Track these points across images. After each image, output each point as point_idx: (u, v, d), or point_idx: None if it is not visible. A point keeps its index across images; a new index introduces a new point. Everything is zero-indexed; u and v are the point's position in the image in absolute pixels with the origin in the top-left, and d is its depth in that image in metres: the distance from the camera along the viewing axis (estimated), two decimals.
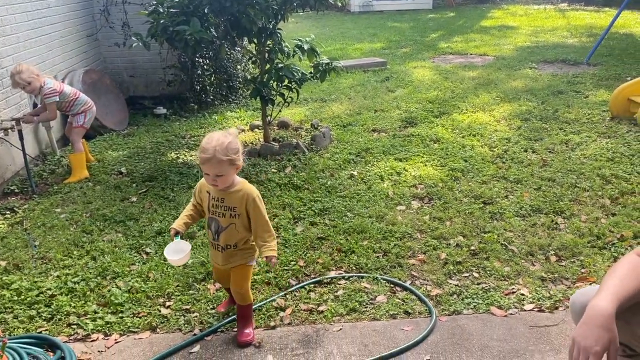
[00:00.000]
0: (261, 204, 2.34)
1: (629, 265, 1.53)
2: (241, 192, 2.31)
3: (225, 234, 2.35)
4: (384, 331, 2.49)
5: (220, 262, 2.43)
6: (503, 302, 2.69)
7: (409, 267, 3.07)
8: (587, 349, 1.39)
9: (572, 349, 1.43)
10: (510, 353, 2.29)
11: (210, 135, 2.21)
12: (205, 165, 2.20)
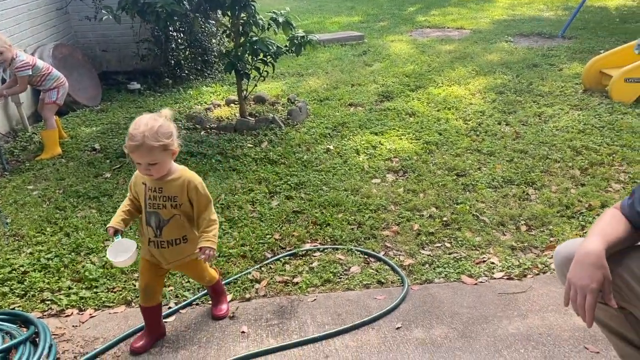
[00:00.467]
0: (204, 191, 2.13)
1: (611, 216, 1.63)
2: (180, 179, 2.10)
3: (169, 227, 2.12)
4: (357, 300, 2.54)
5: (166, 259, 2.19)
6: (473, 271, 2.75)
7: (383, 239, 3.11)
8: (584, 287, 1.46)
9: (568, 290, 1.51)
10: (479, 319, 2.36)
11: (137, 120, 1.98)
12: (135, 154, 1.97)
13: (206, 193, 2.15)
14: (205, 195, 2.14)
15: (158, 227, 2.13)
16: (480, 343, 2.19)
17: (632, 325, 1.64)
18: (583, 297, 1.45)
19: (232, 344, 2.24)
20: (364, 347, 2.21)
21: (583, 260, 1.49)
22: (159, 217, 2.12)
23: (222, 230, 3.18)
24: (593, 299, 1.44)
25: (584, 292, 1.45)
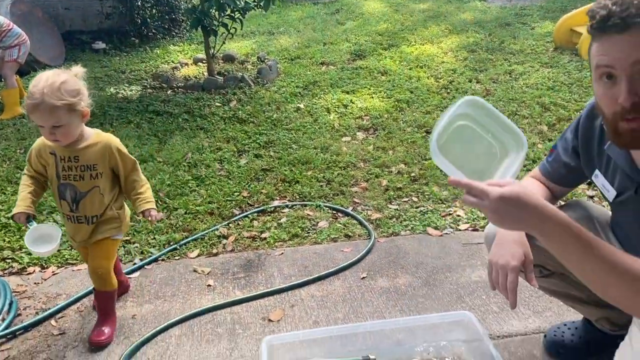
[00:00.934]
0: (126, 151, 1.94)
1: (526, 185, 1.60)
2: (99, 144, 1.87)
3: (87, 201, 1.90)
4: (324, 253, 2.55)
5: (86, 237, 1.96)
6: (439, 223, 2.78)
7: (352, 195, 3.12)
8: (504, 266, 1.40)
9: (491, 271, 1.46)
10: (443, 268, 2.39)
11: (38, 76, 1.74)
12: (34, 115, 1.73)
13: (128, 154, 1.95)
14: (129, 156, 1.95)
15: (74, 200, 1.89)
16: (444, 290, 2.23)
17: (574, 284, 1.62)
18: (505, 276, 1.39)
19: (197, 297, 2.24)
20: (329, 296, 2.22)
21: (503, 239, 1.44)
22: (75, 189, 1.88)
23: (189, 188, 3.15)
24: (514, 277, 1.38)
25: (505, 271, 1.39)
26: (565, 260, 1.20)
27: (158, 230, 2.76)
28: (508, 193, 1.10)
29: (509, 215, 1.12)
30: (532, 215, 1.11)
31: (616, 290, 1.14)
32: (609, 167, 1.40)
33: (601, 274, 1.14)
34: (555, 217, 1.11)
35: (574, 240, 1.12)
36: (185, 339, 1.99)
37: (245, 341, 1.97)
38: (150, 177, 3.24)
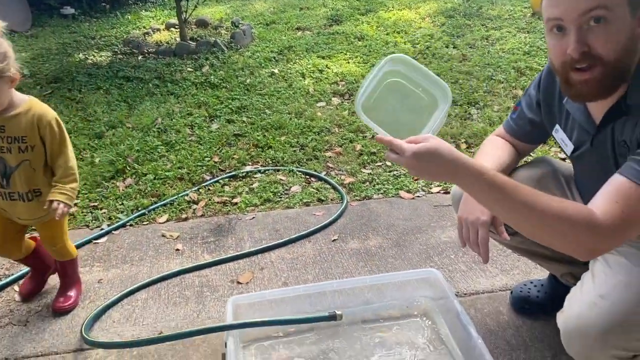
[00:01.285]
0: (60, 129, 1.74)
1: (491, 146, 1.60)
2: (29, 113, 1.69)
3: (18, 176, 1.73)
4: (296, 217, 2.53)
5: (23, 215, 1.81)
6: (412, 187, 2.77)
7: (325, 159, 3.09)
8: (474, 222, 1.40)
9: (461, 228, 1.46)
10: (414, 229, 2.39)
11: None
12: None
13: (63, 132, 1.75)
14: (62, 135, 1.74)
15: (4, 175, 1.73)
16: (413, 251, 2.23)
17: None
18: (475, 232, 1.40)
19: (165, 261, 2.21)
20: (299, 258, 2.21)
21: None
22: (4, 162, 1.71)
23: (159, 153, 3.08)
24: (485, 232, 1.38)
25: (475, 226, 1.40)
26: (486, 206, 1.27)
27: (126, 196, 2.70)
28: (422, 149, 1.15)
29: (424, 169, 1.17)
30: (444, 167, 1.16)
31: (542, 231, 1.18)
32: (567, 121, 1.40)
33: (521, 217, 1.18)
34: (467, 168, 1.15)
35: (488, 187, 1.15)
36: (152, 301, 1.97)
37: (213, 303, 1.95)
38: (119, 142, 3.17)
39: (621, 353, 1.27)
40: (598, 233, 1.12)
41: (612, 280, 1.30)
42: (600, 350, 1.27)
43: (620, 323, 1.24)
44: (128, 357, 1.70)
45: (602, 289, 1.30)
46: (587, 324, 1.27)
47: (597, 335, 1.25)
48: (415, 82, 1.32)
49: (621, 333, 1.25)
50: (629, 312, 1.24)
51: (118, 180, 2.84)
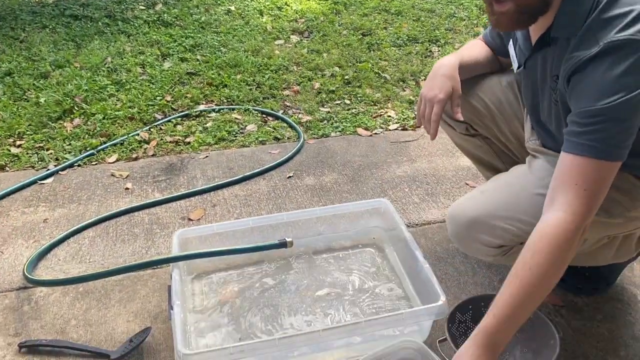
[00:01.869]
0: None
1: (471, 44, 1.63)
2: None
3: None
4: (251, 156, 2.48)
5: None
6: (370, 124, 2.74)
7: (283, 98, 3.01)
8: (432, 98, 1.45)
9: (419, 105, 1.50)
10: (370, 165, 2.38)
11: None
12: None
13: None
14: None
15: None
16: (368, 186, 2.22)
17: (497, 154, 1.68)
18: (431, 108, 1.45)
19: (114, 200, 2.15)
20: (252, 195, 2.18)
21: (435, 72, 1.48)
22: None
23: (108, 93, 2.95)
24: (439, 108, 1.44)
25: (432, 103, 1.44)
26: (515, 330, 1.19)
27: (74, 136, 2.59)
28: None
29: None
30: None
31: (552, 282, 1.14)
32: (515, 40, 1.40)
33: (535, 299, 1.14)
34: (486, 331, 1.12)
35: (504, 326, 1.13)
36: (100, 239, 1.92)
37: (163, 239, 1.91)
38: (66, 82, 3.02)
39: (488, 239, 1.36)
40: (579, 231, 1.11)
41: (498, 181, 1.43)
42: (468, 236, 1.39)
43: (487, 211, 1.33)
44: (73, 293, 1.67)
45: (486, 186, 1.43)
46: (461, 211, 1.40)
47: (465, 222, 1.38)
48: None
49: (485, 224, 1.34)
50: (498, 203, 1.34)
51: (65, 121, 2.72)
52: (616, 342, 1.51)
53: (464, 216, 1.38)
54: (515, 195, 1.33)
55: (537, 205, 1.26)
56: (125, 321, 1.57)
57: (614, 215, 1.30)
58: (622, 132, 1.09)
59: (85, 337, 1.51)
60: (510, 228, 1.33)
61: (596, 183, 1.11)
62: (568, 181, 1.12)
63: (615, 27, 1.06)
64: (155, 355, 1.47)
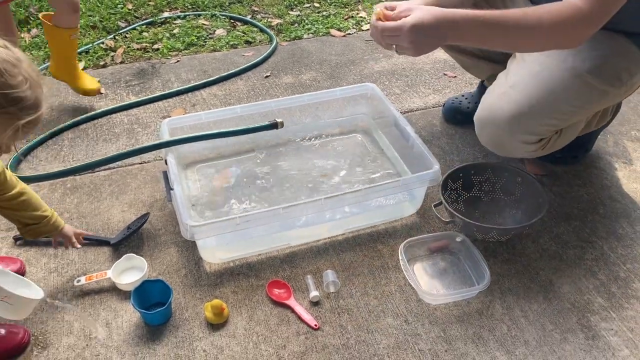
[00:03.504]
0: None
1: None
2: None
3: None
4: (224, 59, 2.41)
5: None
6: (342, 25, 2.70)
7: (250, 3, 2.91)
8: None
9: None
10: (347, 63, 2.36)
11: None
12: None
13: None
14: None
15: None
16: (347, 81, 2.21)
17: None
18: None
19: (88, 104, 2.06)
20: (232, 94, 2.14)
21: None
22: None
23: None
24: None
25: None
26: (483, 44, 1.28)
27: (34, 45, 2.45)
28: (416, 20, 1.09)
29: (428, 38, 1.13)
30: (445, 28, 1.12)
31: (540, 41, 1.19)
32: None
33: (520, 38, 1.19)
34: (462, 18, 1.12)
35: (483, 26, 1.14)
36: (80, 140, 1.86)
37: (146, 137, 1.87)
38: None
39: (529, 137, 1.38)
40: (586, 21, 1.14)
41: (522, 71, 1.39)
42: (510, 135, 1.38)
43: (528, 108, 1.33)
44: (62, 189, 1.63)
45: (513, 80, 1.39)
46: (496, 111, 1.37)
47: (506, 121, 1.35)
48: None
49: (528, 118, 1.34)
50: (535, 98, 1.33)
51: (22, 32, 2.55)
52: (595, 203, 1.61)
53: (503, 116, 1.34)
54: (548, 85, 1.32)
55: (572, 88, 1.31)
56: (119, 211, 1.56)
57: (622, 81, 1.36)
58: None
59: (80, 228, 1.49)
60: (552, 121, 1.35)
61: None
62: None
63: None
64: (156, 239, 1.47)
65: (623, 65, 1.37)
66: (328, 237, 1.48)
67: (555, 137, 1.43)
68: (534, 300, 1.33)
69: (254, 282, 1.37)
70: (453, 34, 1.14)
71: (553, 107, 1.33)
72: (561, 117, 1.36)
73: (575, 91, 1.33)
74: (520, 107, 1.34)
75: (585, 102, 1.37)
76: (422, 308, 1.31)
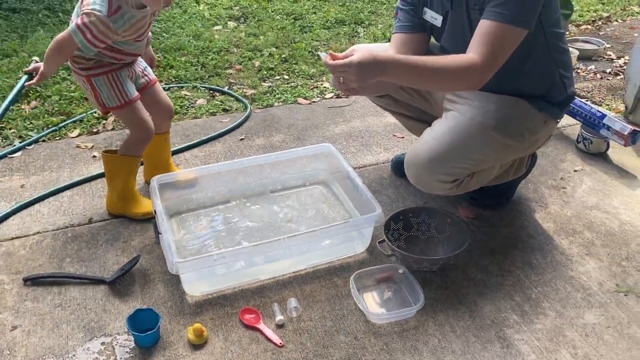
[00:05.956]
0: None
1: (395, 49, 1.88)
2: None
3: None
4: (204, 125, 2.75)
5: None
6: (308, 94, 3.08)
7: (227, 76, 3.29)
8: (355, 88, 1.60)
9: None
10: (312, 127, 2.71)
11: None
12: None
13: None
14: None
15: None
16: (311, 142, 2.56)
17: (404, 105, 2.08)
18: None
19: (84, 167, 2.36)
20: (211, 155, 2.46)
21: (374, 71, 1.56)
22: None
23: (60, 77, 3.12)
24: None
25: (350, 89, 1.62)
26: (408, 82, 1.69)
27: (34, 116, 2.76)
28: (364, 57, 1.43)
29: (368, 72, 1.45)
30: (380, 66, 1.46)
31: (446, 83, 1.59)
32: (429, 2, 1.74)
33: (432, 80, 1.58)
34: (390, 61, 1.49)
35: (407, 68, 1.52)
36: (78, 197, 2.14)
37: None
38: (16, 69, 3.16)
39: (445, 177, 1.72)
40: (480, 71, 1.52)
41: (441, 126, 1.74)
42: (429, 174, 1.72)
43: (443, 153, 1.68)
44: (63, 238, 1.90)
45: (434, 132, 1.74)
46: (419, 155, 1.72)
47: (426, 163, 1.70)
48: None
49: (443, 161, 1.69)
50: (448, 145, 1.69)
51: (22, 104, 2.87)
52: (515, 239, 1.94)
53: (422, 160, 1.69)
54: (459, 136, 1.67)
55: (482, 141, 1.67)
56: (114, 255, 1.83)
57: (525, 138, 1.73)
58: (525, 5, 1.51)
59: (80, 270, 1.75)
60: (463, 165, 1.70)
61: (502, 40, 1.52)
62: (482, 41, 1.52)
63: None
64: (146, 277, 1.74)
65: (525, 125, 1.73)
66: (292, 272, 1.76)
67: (468, 179, 1.76)
68: (461, 318, 1.62)
69: (229, 309, 1.63)
70: (385, 72, 1.48)
71: (463, 154, 1.68)
72: (470, 162, 1.70)
73: (481, 142, 1.67)
74: (437, 152, 1.68)
75: (490, 152, 1.71)
76: (369, 327, 1.59)
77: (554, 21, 1.68)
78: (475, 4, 1.61)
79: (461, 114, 1.70)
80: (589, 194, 2.16)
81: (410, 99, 2.01)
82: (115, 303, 1.65)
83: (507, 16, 1.50)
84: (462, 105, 1.71)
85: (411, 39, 1.84)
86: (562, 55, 1.76)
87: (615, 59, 3.50)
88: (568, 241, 1.92)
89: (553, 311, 1.64)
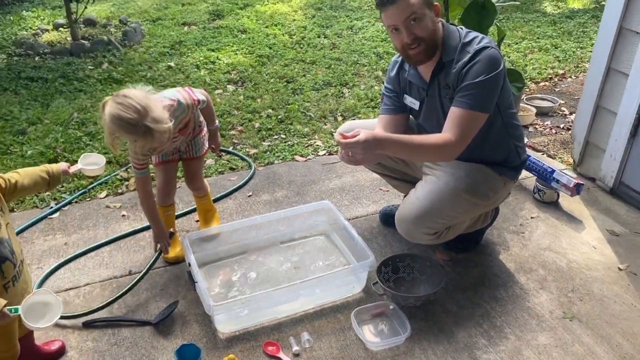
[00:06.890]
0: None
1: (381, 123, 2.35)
2: None
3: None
4: (215, 183, 3.16)
5: None
6: (304, 152, 3.52)
7: (231, 137, 3.73)
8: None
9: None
10: (309, 182, 3.14)
11: None
12: None
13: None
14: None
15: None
16: (311, 196, 2.99)
17: (389, 169, 2.52)
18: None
19: (116, 225, 2.74)
20: (225, 211, 2.87)
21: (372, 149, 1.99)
22: None
23: (84, 143, 3.52)
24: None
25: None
26: (401, 156, 2.20)
27: (65, 179, 3.14)
28: (368, 136, 1.89)
29: (369, 148, 1.90)
30: (379, 144, 1.92)
31: (427, 155, 2.07)
32: (411, 88, 2.22)
33: (417, 153, 2.03)
34: (388, 139, 1.96)
35: (399, 144, 1.97)
36: (116, 252, 2.52)
37: None
38: (43, 136, 3.55)
39: (428, 230, 2.15)
40: (454, 147, 1.98)
41: (424, 189, 2.18)
42: (416, 228, 2.16)
43: (426, 212, 2.12)
44: (109, 289, 2.27)
45: (418, 194, 2.18)
46: (407, 213, 2.16)
47: (413, 219, 2.14)
48: None
49: (426, 218, 2.13)
50: (430, 206, 2.13)
51: None
52: (483, 278, 2.36)
53: (411, 216, 2.13)
54: (438, 198, 2.10)
55: (455, 202, 2.12)
56: (154, 302, 2.20)
57: (489, 197, 2.18)
58: (485, 96, 1.97)
59: (128, 315, 2.12)
60: (442, 221, 2.13)
61: (469, 123, 1.97)
62: (453, 124, 1.97)
63: (474, 43, 1.99)
64: (183, 319, 2.12)
65: (488, 186, 2.18)
66: (303, 310, 2.15)
67: (446, 231, 2.20)
68: (440, 343, 2.02)
69: (253, 343, 2.02)
70: (383, 147, 1.92)
71: (441, 212, 2.11)
72: (447, 219, 2.14)
73: (455, 203, 2.12)
74: (421, 211, 2.11)
75: (463, 210, 2.16)
76: (368, 353, 1.98)
77: (508, 104, 2.15)
78: (446, 94, 2.09)
79: (438, 179, 2.15)
80: (543, 237, 2.61)
81: (395, 165, 2.46)
82: (161, 341, 2.02)
83: (472, 104, 1.97)
84: (438, 171, 2.17)
85: (395, 119, 2.30)
86: (515, 130, 2.23)
87: (568, 114, 4.04)
88: (525, 278, 2.35)
89: (513, 335, 2.05)
